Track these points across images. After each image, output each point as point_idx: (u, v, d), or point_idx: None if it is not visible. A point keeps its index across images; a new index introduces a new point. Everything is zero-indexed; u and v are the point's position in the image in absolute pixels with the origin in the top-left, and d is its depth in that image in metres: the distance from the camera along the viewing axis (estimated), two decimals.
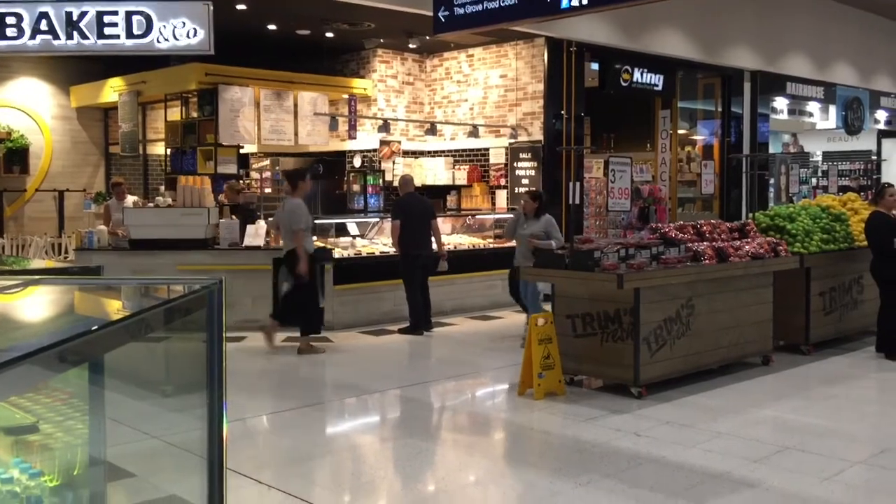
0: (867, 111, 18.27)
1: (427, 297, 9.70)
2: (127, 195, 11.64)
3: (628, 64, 13.16)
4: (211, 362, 2.05)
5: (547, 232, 8.59)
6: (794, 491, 4.61)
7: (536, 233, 8.58)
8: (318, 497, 4.58)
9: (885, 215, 8.22)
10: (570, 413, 6.24)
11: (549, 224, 8.69)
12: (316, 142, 13.24)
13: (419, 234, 9.50)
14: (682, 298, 6.92)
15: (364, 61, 13.90)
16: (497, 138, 13.09)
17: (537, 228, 8.61)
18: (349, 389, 7.15)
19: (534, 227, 8.62)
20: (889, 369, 7.76)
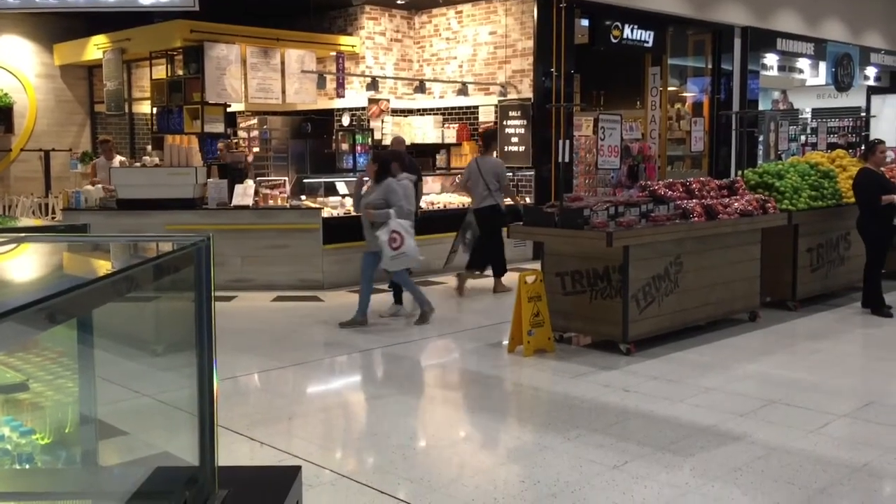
0: (857, 68, 18.20)
1: None
2: (115, 154, 11.56)
3: (618, 20, 13.03)
4: (200, 320, 2.04)
5: (386, 199, 7.62)
6: (779, 443, 4.69)
7: (374, 201, 7.65)
8: (309, 453, 4.63)
9: (874, 172, 8.24)
10: (560, 369, 6.30)
11: (388, 190, 7.63)
12: (304, 100, 13.11)
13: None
14: (670, 256, 6.96)
15: (352, 18, 13.71)
16: (486, 96, 12.99)
17: (376, 196, 7.66)
18: (339, 347, 7.18)
19: (371, 195, 7.70)
20: (874, 325, 7.84)
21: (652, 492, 4.06)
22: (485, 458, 4.62)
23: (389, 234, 7.46)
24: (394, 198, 7.62)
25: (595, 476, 4.24)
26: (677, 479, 4.22)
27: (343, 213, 10.25)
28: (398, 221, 7.53)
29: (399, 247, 7.48)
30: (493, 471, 4.40)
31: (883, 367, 6.55)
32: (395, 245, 7.46)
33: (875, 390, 5.82)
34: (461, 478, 4.32)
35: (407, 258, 7.61)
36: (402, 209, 7.66)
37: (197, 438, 2.12)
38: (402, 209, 7.66)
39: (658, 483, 4.16)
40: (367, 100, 13.22)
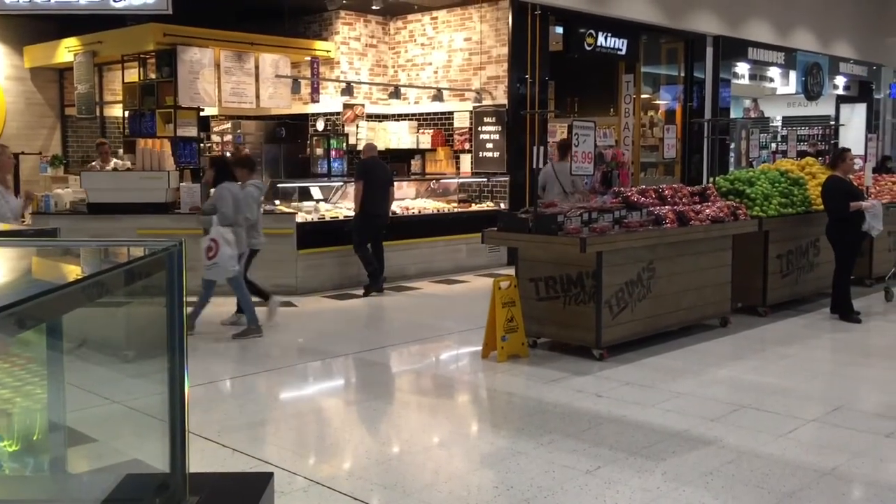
0: (826, 77, 18.48)
1: (381, 258, 9.77)
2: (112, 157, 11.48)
3: (592, 28, 13.13)
4: (171, 326, 2.03)
5: (214, 205, 7.46)
6: (749, 448, 4.74)
7: (206, 206, 7.56)
8: (282, 460, 4.60)
9: (842, 179, 8.37)
10: (533, 375, 6.32)
11: (217, 196, 7.48)
12: (278, 105, 13.06)
13: (378, 197, 9.63)
14: (643, 262, 7.01)
15: (327, 23, 13.69)
16: (461, 102, 13.02)
17: (208, 202, 7.54)
18: (313, 353, 7.15)
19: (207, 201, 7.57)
20: (842, 330, 7.96)
21: (624, 496, 4.09)
22: (458, 464, 4.62)
23: (207, 242, 7.22)
24: (220, 204, 7.41)
25: (568, 481, 4.26)
26: (649, 483, 4.25)
27: (318, 217, 10.22)
28: (218, 229, 7.26)
29: (213, 256, 7.18)
30: (466, 476, 4.40)
31: (851, 372, 6.64)
32: (210, 254, 7.18)
33: (843, 395, 5.90)
34: (435, 484, 4.32)
35: (218, 269, 7.27)
36: (226, 217, 7.37)
37: (167, 445, 2.10)
38: (226, 217, 7.37)
39: (630, 488, 4.19)
40: (341, 105, 13.20)
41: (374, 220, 9.63)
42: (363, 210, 9.56)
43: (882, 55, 20.11)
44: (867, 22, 19.37)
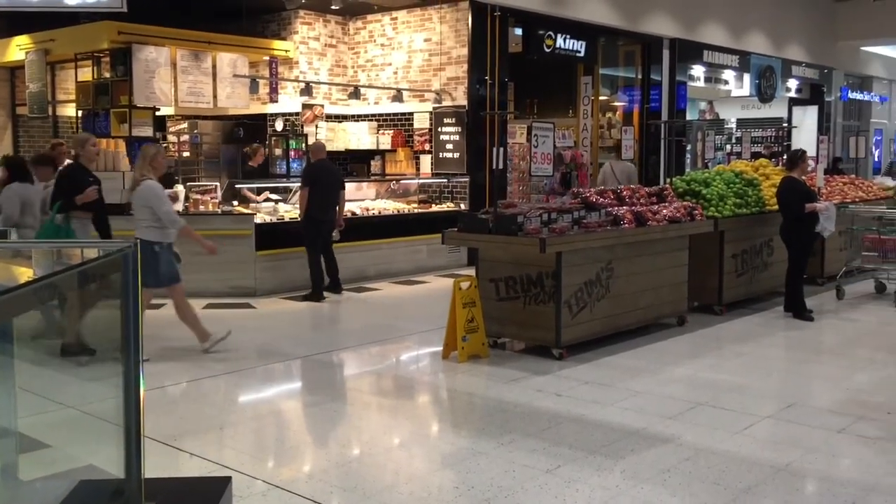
0: (779, 79, 18.85)
1: (333, 260, 9.65)
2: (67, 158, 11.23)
3: (551, 30, 13.23)
4: (127, 328, 2.00)
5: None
6: (705, 445, 4.81)
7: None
8: (241, 463, 4.55)
9: (797, 181, 8.54)
10: (494, 375, 6.34)
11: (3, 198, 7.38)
12: (236, 105, 12.94)
13: (327, 200, 9.44)
14: (602, 262, 7.07)
15: (285, 23, 13.59)
16: (421, 103, 13.02)
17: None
18: (272, 355, 7.09)
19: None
20: (796, 328, 8.11)
21: (583, 495, 4.12)
22: (419, 465, 4.61)
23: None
24: (6, 205, 7.30)
25: (528, 480, 4.28)
26: (608, 481, 4.28)
27: (276, 218, 10.14)
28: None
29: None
30: (427, 477, 4.40)
31: (804, 369, 6.78)
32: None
33: (797, 392, 6.02)
34: (395, 485, 4.30)
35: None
36: (9, 218, 7.26)
37: (122, 450, 2.07)
38: (9, 218, 7.26)
39: (590, 486, 4.22)
40: (300, 105, 13.11)
41: (321, 226, 9.44)
42: (308, 215, 9.37)
43: (833, 59, 20.58)
44: (818, 26, 19.80)
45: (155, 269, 6.69)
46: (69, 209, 6.68)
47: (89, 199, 6.74)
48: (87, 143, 6.89)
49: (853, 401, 5.71)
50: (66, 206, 6.65)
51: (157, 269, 6.72)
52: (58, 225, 6.66)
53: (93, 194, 6.68)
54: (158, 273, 6.73)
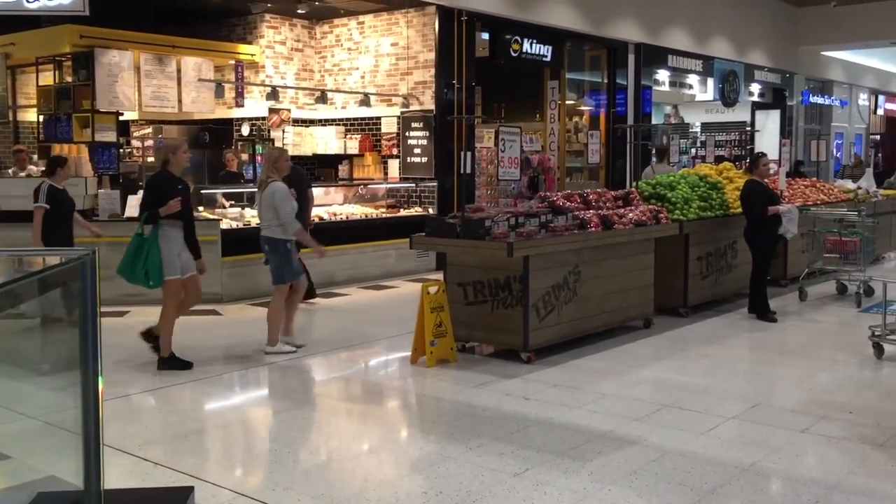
0: (742, 84, 19.12)
1: (303, 265, 9.54)
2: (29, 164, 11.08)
3: (518, 34, 13.29)
4: (85, 336, 1.96)
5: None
6: (672, 446, 4.85)
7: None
8: (206, 472, 4.50)
9: (759, 183, 8.66)
10: (462, 379, 6.34)
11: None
12: (201, 109, 12.81)
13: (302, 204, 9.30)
14: (569, 265, 7.11)
15: (251, 26, 13.50)
16: (389, 107, 13.00)
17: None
18: (239, 362, 7.02)
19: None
20: (760, 329, 8.22)
21: (552, 498, 4.13)
22: (387, 471, 4.60)
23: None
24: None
25: (496, 484, 4.28)
26: (576, 484, 4.30)
27: (243, 224, 10.05)
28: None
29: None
30: (395, 483, 4.38)
31: (768, 370, 6.87)
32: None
33: (761, 392, 6.09)
34: (364, 491, 4.28)
35: None
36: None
37: (81, 460, 2.03)
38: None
39: (558, 489, 4.23)
40: (267, 109, 13.03)
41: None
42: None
43: (795, 63, 20.92)
44: (780, 31, 20.12)
45: (290, 264, 7.19)
46: (156, 220, 6.56)
47: (173, 211, 6.59)
48: (178, 150, 6.81)
49: (816, 401, 5.80)
50: (152, 216, 6.55)
51: (291, 264, 7.20)
52: (143, 237, 6.57)
53: (176, 206, 6.56)
54: (293, 268, 7.21)
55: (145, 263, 6.48)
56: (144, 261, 6.48)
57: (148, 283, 6.57)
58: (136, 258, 6.52)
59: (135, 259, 6.52)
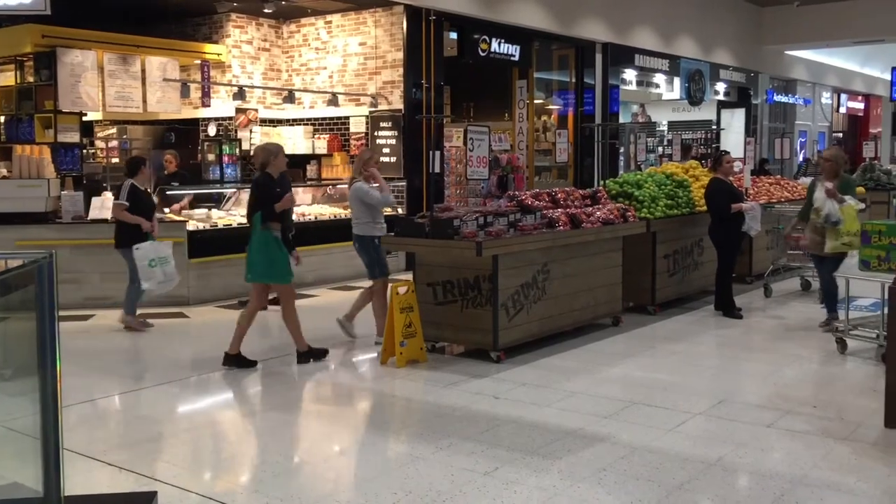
0: (708, 83, 19.33)
1: None
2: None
3: (486, 34, 13.31)
4: (43, 340, 1.93)
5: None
6: (640, 443, 4.89)
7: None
8: (174, 476, 4.45)
9: (723, 181, 8.76)
10: (432, 379, 6.34)
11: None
12: (166, 109, 12.67)
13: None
14: (538, 264, 7.14)
15: (217, 26, 13.38)
16: (357, 107, 12.97)
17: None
18: (208, 365, 6.95)
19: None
20: (726, 326, 8.32)
21: (521, 496, 4.14)
22: (357, 472, 4.58)
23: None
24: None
25: (466, 484, 4.29)
26: (546, 482, 4.32)
27: (210, 225, 9.96)
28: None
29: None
30: (365, 484, 4.37)
31: (734, 366, 6.95)
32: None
33: (727, 388, 6.16)
34: (334, 493, 4.27)
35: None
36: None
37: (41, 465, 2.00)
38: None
39: (527, 487, 4.25)
40: (234, 109, 12.92)
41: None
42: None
43: (759, 63, 21.20)
44: (745, 31, 20.38)
45: (380, 260, 7.48)
46: (272, 216, 6.72)
47: (288, 205, 6.90)
48: (279, 154, 7.08)
49: (781, 396, 5.88)
50: (268, 213, 6.70)
51: (381, 259, 7.49)
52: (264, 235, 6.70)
53: (290, 199, 6.89)
54: (382, 263, 7.50)
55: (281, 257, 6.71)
56: (279, 254, 6.71)
57: (288, 277, 6.79)
58: (272, 256, 6.69)
59: (272, 257, 6.69)
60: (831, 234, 7.55)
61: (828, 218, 7.54)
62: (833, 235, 7.55)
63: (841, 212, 7.55)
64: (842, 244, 7.54)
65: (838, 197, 7.60)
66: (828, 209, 7.57)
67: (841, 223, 7.50)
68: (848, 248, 7.51)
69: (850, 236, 7.46)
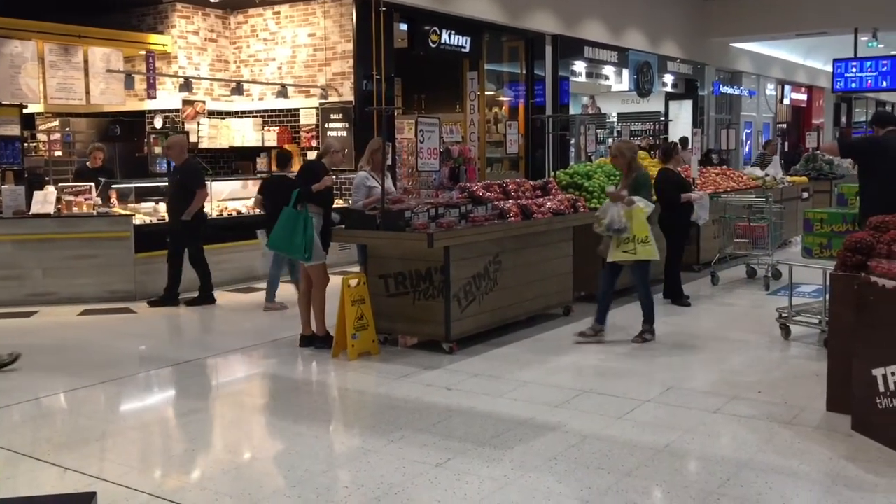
0: (656, 75, 19.58)
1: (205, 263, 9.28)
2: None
3: (436, 25, 13.29)
4: None
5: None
6: (591, 431, 4.94)
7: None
8: (121, 476, 4.37)
9: (673, 172, 8.89)
10: (384, 372, 6.33)
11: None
12: (111, 101, 12.41)
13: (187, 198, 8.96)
14: (489, 255, 7.16)
15: (162, 16, 13.12)
16: (307, 98, 12.85)
17: None
18: (156, 361, 6.84)
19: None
20: (675, 313, 8.45)
21: (473, 487, 4.16)
22: (308, 466, 4.55)
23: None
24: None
25: (418, 476, 4.29)
26: (497, 472, 4.34)
27: (157, 219, 9.78)
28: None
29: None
30: (316, 479, 4.34)
31: (682, 353, 7.05)
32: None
33: (676, 375, 6.26)
34: (284, 489, 4.23)
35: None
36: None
37: None
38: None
39: (479, 478, 4.27)
40: (181, 101, 12.70)
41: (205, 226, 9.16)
42: (202, 218, 9.05)
43: (705, 55, 21.54)
44: (692, 24, 20.68)
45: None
46: (309, 196, 6.88)
47: (325, 186, 6.99)
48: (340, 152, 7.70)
49: (727, 382, 6.00)
50: (305, 193, 6.86)
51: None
52: (297, 212, 6.77)
53: (329, 181, 7.05)
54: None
55: (304, 236, 6.69)
56: (304, 233, 6.69)
57: (304, 255, 6.77)
58: (294, 230, 6.72)
59: (293, 231, 6.72)
60: (615, 240, 6.97)
61: (610, 226, 6.89)
62: (616, 242, 6.97)
63: (628, 216, 6.88)
64: (623, 252, 6.91)
65: (626, 199, 6.95)
66: (610, 216, 6.90)
67: (626, 231, 6.85)
68: (632, 257, 6.94)
69: (637, 243, 6.83)
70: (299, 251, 6.78)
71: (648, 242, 6.90)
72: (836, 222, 7.72)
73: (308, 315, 7.11)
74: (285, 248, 6.90)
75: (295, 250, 6.81)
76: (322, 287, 7.06)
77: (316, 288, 7.05)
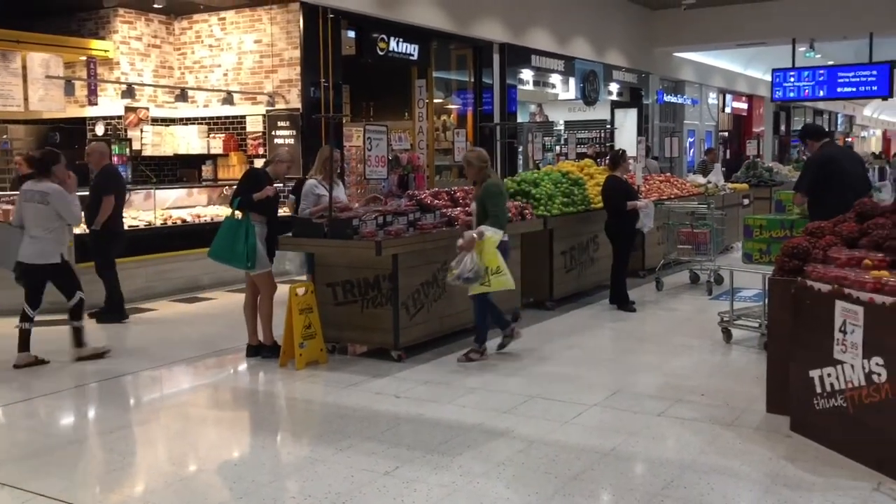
0: (602, 83, 19.87)
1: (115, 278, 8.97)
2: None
3: (384, 33, 13.29)
4: None
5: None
6: (538, 436, 4.98)
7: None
8: (63, 491, 4.27)
9: (619, 179, 9.03)
10: (332, 380, 6.30)
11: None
12: (50, 108, 12.11)
13: (121, 209, 8.85)
14: (437, 262, 7.18)
15: (104, 21, 12.88)
16: (254, 105, 12.73)
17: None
18: (98, 374, 6.69)
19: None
20: (620, 319, 8.57)
21: (421, 494, 4.16)
22: (255, 477, 4.50)
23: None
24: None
25: (366, 484, 4.27)
26: (445, 479, 4.35)
27: None
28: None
29: None
30: (263, 489, 4.29)
31: (628, 358, 7.17)
32: None
33: (621, 379, 6.35)
34: (230, 500, 4.18)
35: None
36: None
37: None
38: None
39: (427, 485, 4.27)
40: (123, 108, 12.47)
41: (121, 238, 8.87)
42: (115, 229, 8.70)
43: (650, 64, 21.94)
44: (637, 33, 21.05)
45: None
46: (249, 205, 6.78)
47: (265, 195, 6.84)
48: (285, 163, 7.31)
49: (671, 385, 6.10)
50: (246, 201, 6.78)
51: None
52: (236, 221, 6.76)
53: (270, 190, 6.89)
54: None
55: (245, 244, 6.61)
56: (245, 241, 6.61)
57: (247, 264, 6.68)
58: (235, 238, 6.63)
59: (234, 239, 6.63)
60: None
61: (460, 276, 6.40)
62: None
63: (479, 248, 6.42)
64: (480, 285, 6.52)
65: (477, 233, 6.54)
66: (462, 265, 6.38)
67: (480, 277, 6.44)
68: (486, 289, 6.58)
69: (490, 274, 6.49)
70: (241, 260, 6.71)
71: (501, 273, 6.54)
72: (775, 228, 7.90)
73: (255, 324, 7.04)
74: (227, 258, 6.79)
75: (237, 259, 6.73)
76: (269, 296, 7.01)
77: (263, 297, 7.00)
